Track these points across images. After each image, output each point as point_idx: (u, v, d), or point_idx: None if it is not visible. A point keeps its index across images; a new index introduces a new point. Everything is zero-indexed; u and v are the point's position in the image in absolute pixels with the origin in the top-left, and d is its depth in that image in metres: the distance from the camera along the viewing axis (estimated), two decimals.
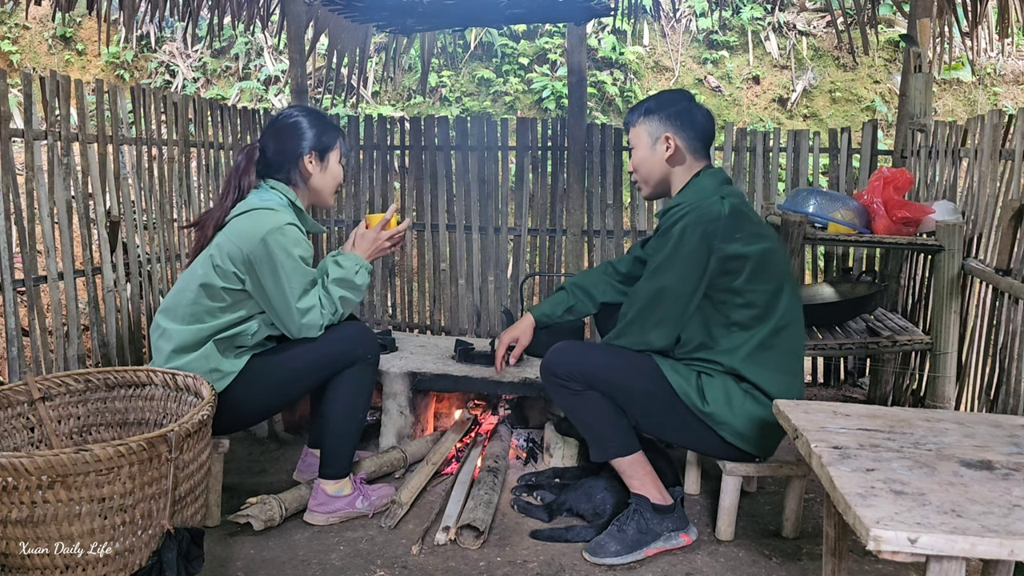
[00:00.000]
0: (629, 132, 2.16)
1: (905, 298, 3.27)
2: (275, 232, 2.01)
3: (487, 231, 3.94)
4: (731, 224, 1.93)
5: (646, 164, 2.12)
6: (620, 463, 2.04)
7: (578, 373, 2.01)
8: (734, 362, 1.97)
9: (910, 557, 1.09)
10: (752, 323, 1.97)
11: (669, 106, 2.09)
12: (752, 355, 1.97)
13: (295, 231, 2.06)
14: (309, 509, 2.21)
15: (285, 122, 2.19)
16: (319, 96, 6.06)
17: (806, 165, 3.53)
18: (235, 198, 2.14)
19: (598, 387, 2.00)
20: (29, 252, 2.62)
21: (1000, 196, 2.53)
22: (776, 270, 2.00)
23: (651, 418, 2.04)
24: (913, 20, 3.27)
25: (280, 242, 2.01)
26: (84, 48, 6.83)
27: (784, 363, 2.01)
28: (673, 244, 1.95)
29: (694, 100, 2.13)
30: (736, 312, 1.97)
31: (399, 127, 4.05)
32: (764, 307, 1.97)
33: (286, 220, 2.05)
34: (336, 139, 2.22)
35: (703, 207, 1.94)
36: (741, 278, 1.94)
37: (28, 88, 2.56)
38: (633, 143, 2.15)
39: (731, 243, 1.92)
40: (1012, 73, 6.39)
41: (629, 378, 2.00)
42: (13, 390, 1.92)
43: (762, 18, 6.76)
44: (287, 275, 2.03)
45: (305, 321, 2.07)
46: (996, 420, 1.60)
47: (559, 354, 2.07)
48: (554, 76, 6.54)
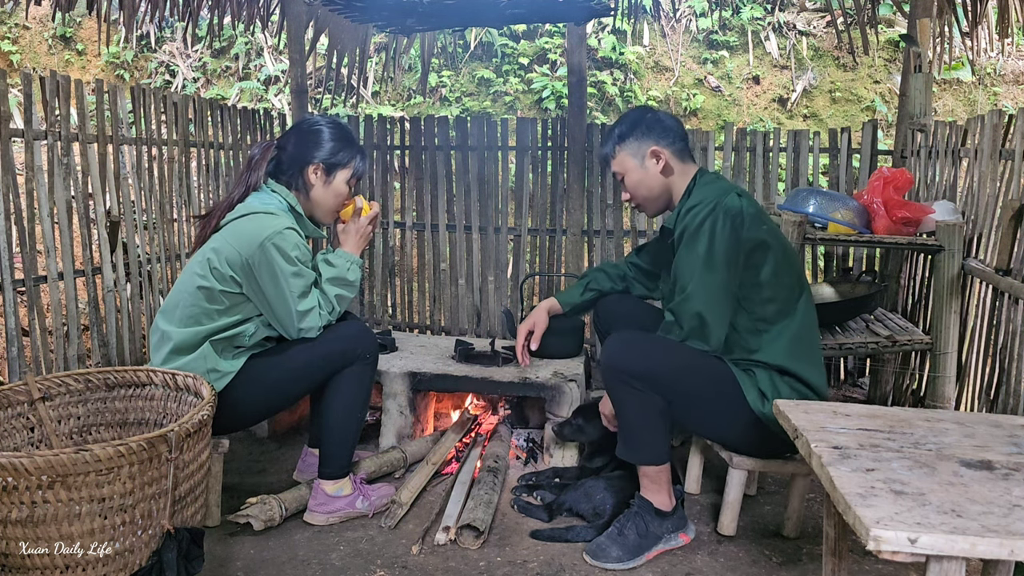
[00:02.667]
0: (611, 164, 2.17)
1: (905, 298, 3.27)
2: (274, 236, 2.01)
3: (487, 231, 3.94)
4: (752, 217, 1.97)
5: (643, 184, 2.13)
6: (648, 469, 2.03)
7: (652, 373, 1.94)
8: (777, 359, 1.99)
9: (910, 557, 1.08)
10: (777, 318, 2.00)
11: (639, 123, 2.11)
12: (791, 349, 1.99)
13: (294, 235, 2.06)
14: (309, 509, 2.21)
15: (308, 127, 2.20)
16: (319, 96, 6.06)
17: (806, 165, 3.53)
18: (242, 192, 2.14)
19: (666, 390, 1.95)
20: (29, 252, 2.62)
21: (1000, 196, 2.53)
22: (792, 265, 2.04)
23: (704, 418, 2.05)
24: (913, 20, 3.27)
25: (279, 246, 2.01)
26: (84, 48, 6.83)
27: (814, 354, 2.05)
28: (707, 242, 1.94)
29: (655, 109, 2.18)
30: (760, 308, 1.99)
31: (399, 127, 4.05)
32: (785, 301, 2.00)
33: (285, 224, 2.05)
34: (351, 159, 2.21)
35: (724, 202, 1.96)
36: (765, 271, 1.97)
37: (28, 88, 2.56)
38: (620, 172, 2.15)
39: (757, 232, 1.95)
40: (1012, 73, 6.39)
41: (701, 381, 1.98)
42: (13, 390, 1.92)
43: (762, 18, 6.76)
44: (286, 279, 2.02)
45: (305, 324, 2.08)
46: (996, 420, 1.60)
47: (629, 348, 1.98)
48: (554, 76, 6.54)
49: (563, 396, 2.56)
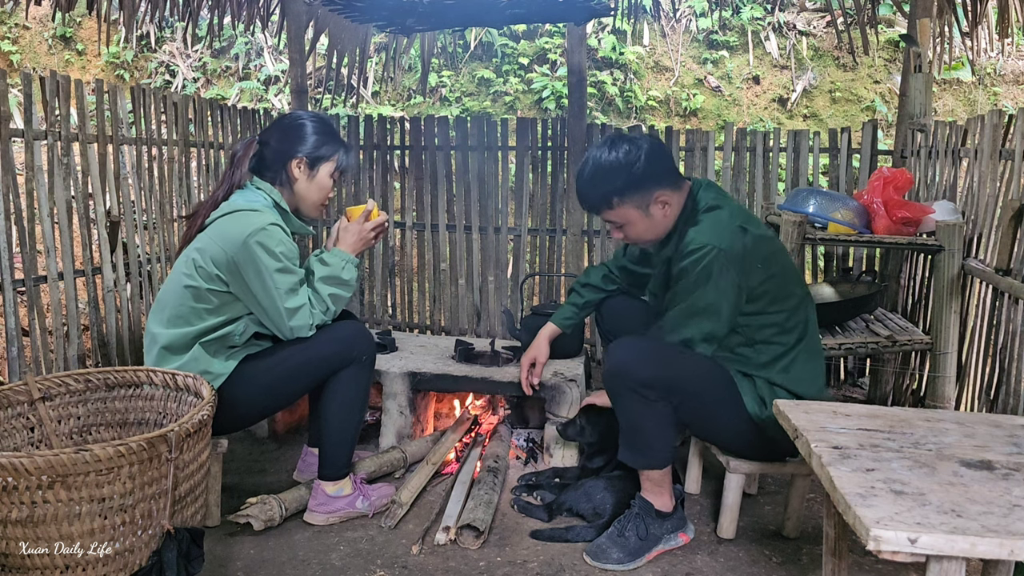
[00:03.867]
0: (606, 215, 2.01)
1: (905, 298, 3.27)
2: (257, 233, 1.99)
3: (487, 231, 3.94)
4: (755, 254, 1.92)
5: (650, 232, 2.03)
6: (652, 473, 2.03)
7: (661, 381, 1.91)
8: (770, 375, 2.00)
9: (910, 557, 1.08)
10: (776, 337, 2.00)
11: (632, 172, 1.94)
12: (786, 368, 2.00)
13: (278, 231, 2.03)
14: (309, 509, 2.21)
15: (291, 122, 2.19)
16: (319, 96, 6.06)
17: (806, 165, 3.53)
18: (226, 190, 2.13)
19: (674, 396, 1.94)
20: (29, 252, 2.62)
21: (1000, 196, 2.53)
22: (794, 285, 2.02)
23: (707, 421, 2.05)
24: (913, 20, 3.27)
25: (263, 243, 1.99)
26: (84, 48, 6.83)
27: (812, 371, 2.04)
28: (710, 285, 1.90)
29: (639, 141, 1.98)
30: (759, 332, 2.00)
31: (399, 127, 4.05)
32: (784, 323, 2.00)
33: (269, 220, 2.03)
34: (334, 153, 2.19)
35: (729, 246, 1.89)
36: (764, 301, 1.96)
37: (28, 88, 2.56)
38: (620, 221, 2.01)
39: (755, 274, 1.93)
40: (1012, 73, 6.39)
41: (707, 387, 1.98)
42: (13, 390, 1.92)
43: (762, 18, 6.76)
44: (272, 276, 2.00)
45: (295, 322, 2.06)
46: (996, 420, 1.60)
47: (637, 354, 1.94)
48: (554, 76, 6.54)
49: (563, 396, 2.56)
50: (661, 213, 2.00)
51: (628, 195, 1.96)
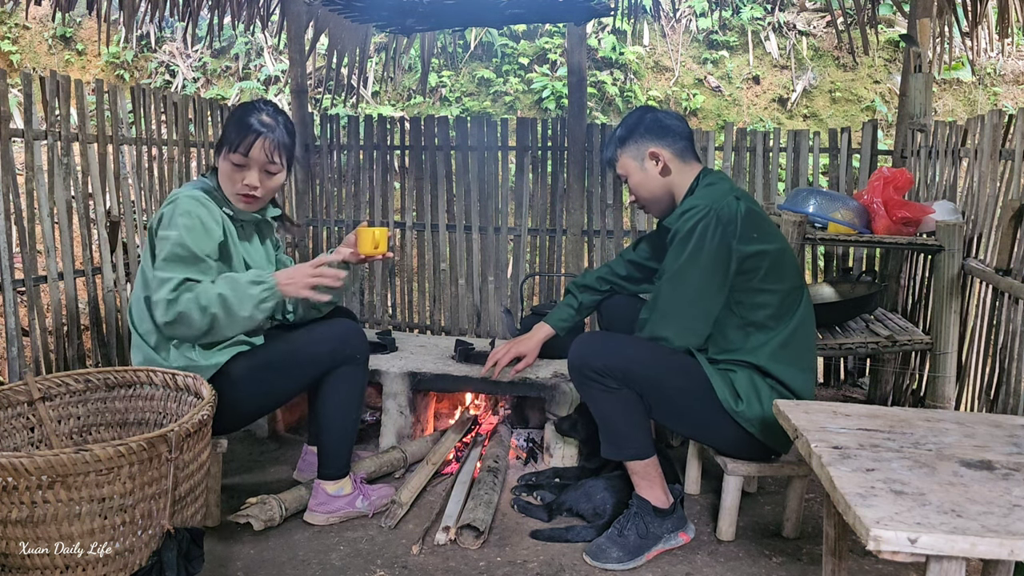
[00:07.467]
0: (615, 168, 2.18)
1: (905, 298, 3.27)
2: (168, 204, 2.00)
3: (487, 231, 3.94)
4: (748, 224, 1.95)
5: (644, 186, 2.13)
6: (635, 465, 2.03)
7: (616, 368, 1.95)
8: (760, 360, 1.99)
9: (910, 557, 1.08)
10: (768, 323, 1.99)
11: (638, 125, 2.11)
12: (775, 354, 1.99)
13: (190, 202, 1.98)
14: (309, 509, 2.21)
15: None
16: (319, 96, 6.06)
17: (806, 165, 3.53)
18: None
19: (634, 383, 1.96)
20: (29, 252, 2.62)
21: (1000, 196, 2.53)
22: (790, 269, 2.02)
23: (679, 415, 2.04)
24: (913, 20, 3.27)
25: (166, 213, 1.99)
26: (84, 48, 6.83)
27: (802, 359, 2.04)
28: (694, 246, 1.93)
29: (658, 109, 2.17)
30: (751, 312, 1.99)
31: (399, 127, 4.05)
32: (778, 307, 1.99)
33: (186, 193, 2.01)
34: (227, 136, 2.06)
35: (720, 208, 1.94)
36: (758, 277, 1.96)
37: (28, 88, 2.56)
38: (624, 174, 2.16)
39: (750, 243, 1.94)
40: (1012, 73, 6.39)
41: (668, 374, 1.98)
42: (13, 390, 1.92)
43: (762, 18, 6.76)
44: (160, 241, 1.97)
45: (156, 296, 1.93)
46: (996, 420, 1.60)
47: (591, 346, 2.01)
48: (554, 76, 6.54)
49: (563, 396, 2.56)
50: (655, 169, 2.10)
51: (627, 145, 2.13)
